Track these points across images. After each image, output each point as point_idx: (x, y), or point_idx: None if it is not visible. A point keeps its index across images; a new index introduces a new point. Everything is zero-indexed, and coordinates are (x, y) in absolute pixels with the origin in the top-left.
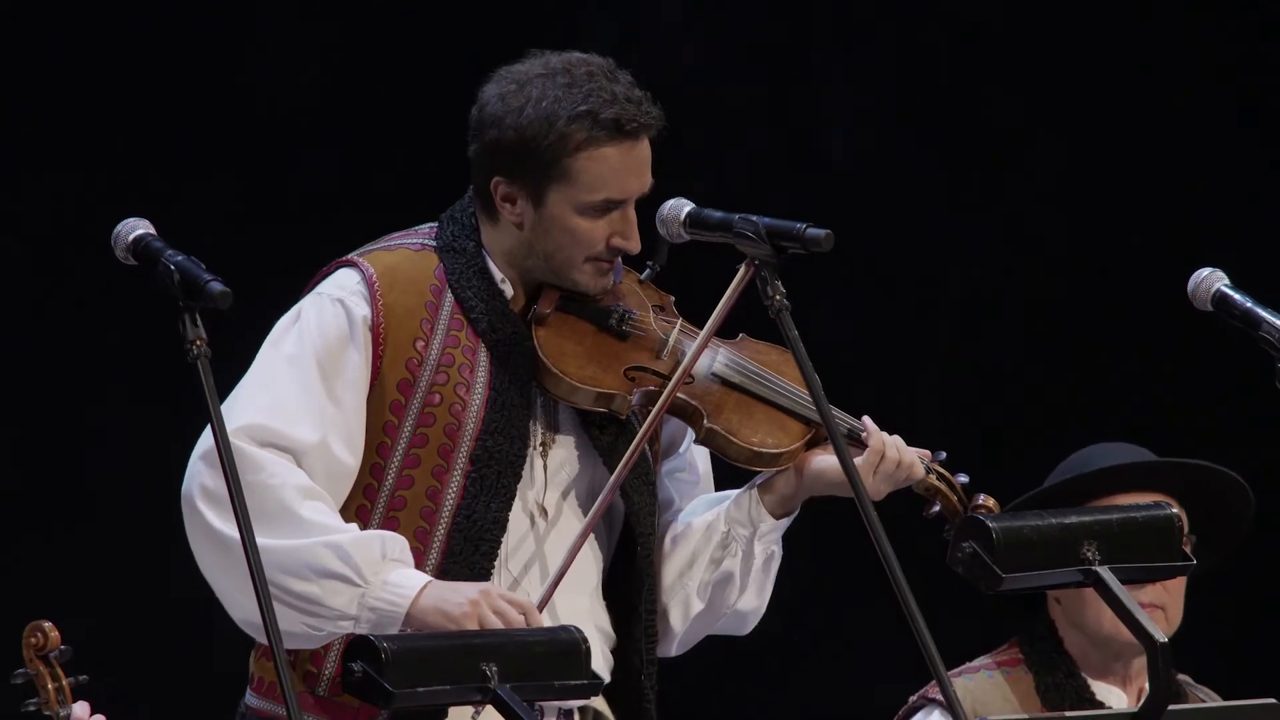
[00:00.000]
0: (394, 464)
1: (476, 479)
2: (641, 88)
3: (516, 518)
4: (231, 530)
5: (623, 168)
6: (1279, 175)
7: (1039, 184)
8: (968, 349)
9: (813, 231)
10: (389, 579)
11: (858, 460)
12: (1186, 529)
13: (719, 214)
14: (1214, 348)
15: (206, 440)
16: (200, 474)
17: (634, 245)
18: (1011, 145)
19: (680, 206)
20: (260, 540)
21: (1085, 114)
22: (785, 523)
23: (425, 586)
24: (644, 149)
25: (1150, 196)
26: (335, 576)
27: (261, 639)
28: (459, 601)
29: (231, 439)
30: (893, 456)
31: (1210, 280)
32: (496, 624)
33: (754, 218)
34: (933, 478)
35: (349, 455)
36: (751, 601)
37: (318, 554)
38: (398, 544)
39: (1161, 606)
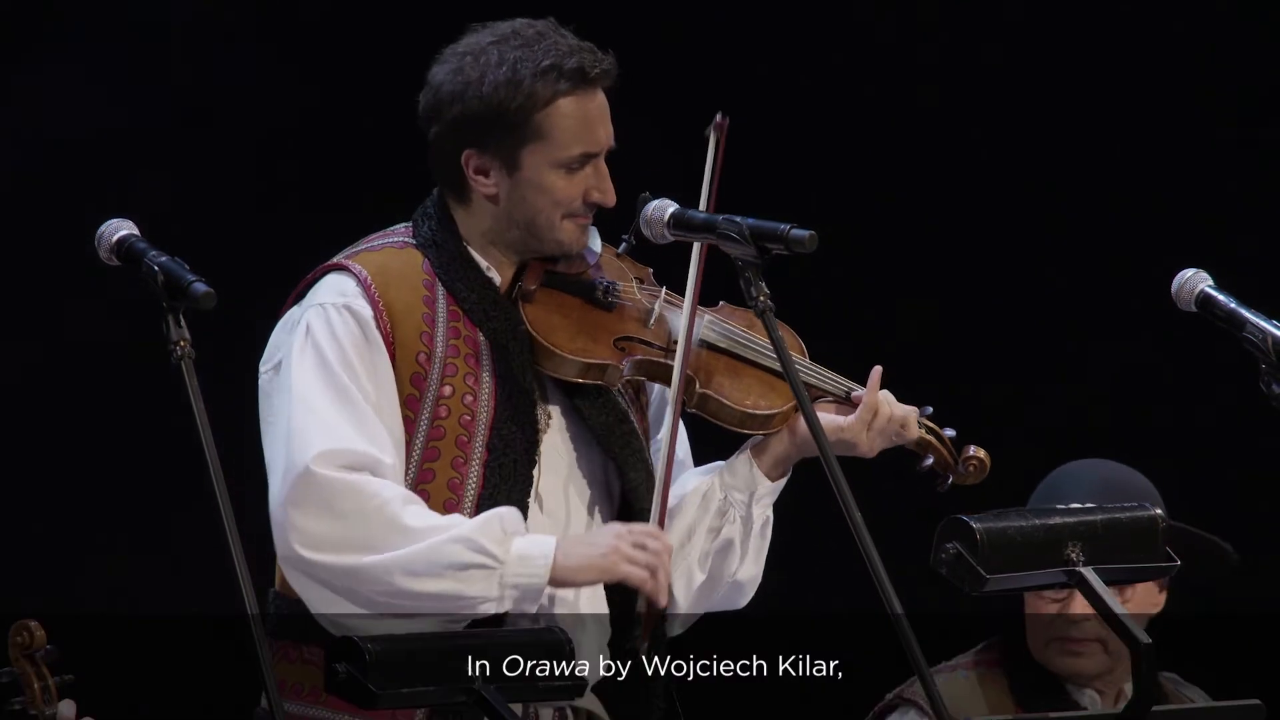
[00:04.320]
0: (414, 458)
1: (495, 468)
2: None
3: None
4: (350, 558)
5: (591, 117)
6: (1268, 174)
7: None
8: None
9: (797, 232)
10: (519, 553)
11: (851, 417)
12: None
13: (703, 215)
14: (1202, 348)
15: (283, 484)
16: (292, 523)
17: (610, 198)
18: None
19: (664, 208)
20: (379, 558)
21: (1083, 111)
22: (780, 484)
23: (558, 549)
24: (604, 98)
25: (1137, 196)
26: (471, 566)
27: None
28: (603, 552)
29: (313, 468)
30: (885, 412)
31: (1194, 281)
32: (642, 559)
33: (738, 219)
34: (923, 432)
35: (400, 459)
36: (750, 569)
37: (447, 551)
38: (513, 517)
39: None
